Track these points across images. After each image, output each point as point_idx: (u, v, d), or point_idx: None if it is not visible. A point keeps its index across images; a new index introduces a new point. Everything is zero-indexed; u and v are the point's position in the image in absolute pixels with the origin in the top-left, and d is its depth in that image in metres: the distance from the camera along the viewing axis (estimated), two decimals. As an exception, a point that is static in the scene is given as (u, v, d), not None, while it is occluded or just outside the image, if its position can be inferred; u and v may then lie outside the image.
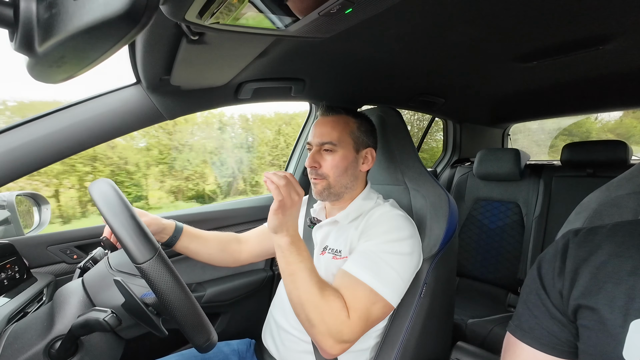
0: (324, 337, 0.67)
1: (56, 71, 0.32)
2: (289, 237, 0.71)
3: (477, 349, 0.93)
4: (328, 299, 0.68)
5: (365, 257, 0.75)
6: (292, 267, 0.70)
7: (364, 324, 0.70)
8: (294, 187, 0.70)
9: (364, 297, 0.70)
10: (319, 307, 0.67)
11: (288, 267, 0.71)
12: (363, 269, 0.73)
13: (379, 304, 0.71)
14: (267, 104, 4.50)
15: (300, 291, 0.69)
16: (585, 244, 0.48)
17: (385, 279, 0.72)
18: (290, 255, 0.70)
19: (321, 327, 0.67)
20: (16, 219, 0.97)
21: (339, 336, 0.67)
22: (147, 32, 0.63)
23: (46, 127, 0.78)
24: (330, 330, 0.67)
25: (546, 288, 0.49)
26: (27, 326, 0.68)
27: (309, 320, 0.68)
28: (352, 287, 0.71)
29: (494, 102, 1.85)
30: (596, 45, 0.95)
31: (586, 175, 1.69)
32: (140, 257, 0.55)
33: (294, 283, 0.70)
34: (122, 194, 0.62)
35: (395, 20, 0.75)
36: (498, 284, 1.80)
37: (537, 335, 0.49)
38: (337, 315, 0.67)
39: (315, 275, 0.71)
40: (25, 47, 0.28)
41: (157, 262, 0.56)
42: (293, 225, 0.72)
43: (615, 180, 0.63)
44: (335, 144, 0.85)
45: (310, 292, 0.68)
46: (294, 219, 0.72)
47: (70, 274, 1.01)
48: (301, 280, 0.69)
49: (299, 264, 0.70)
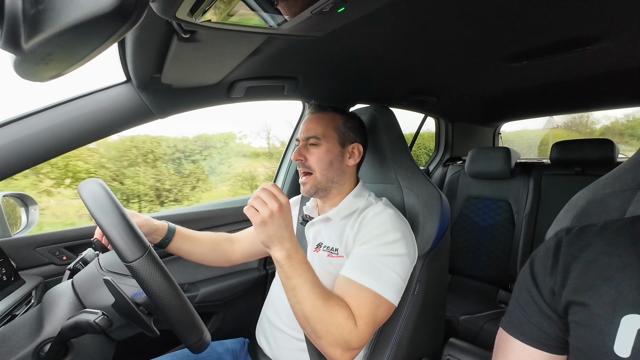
0: (332, 347, 0.66)
1: (43, 69, 0.31)
2: (284, 250, 0.67)
3: (469, 345, 0.94)
4: (333, 310, 0.66)
5: (364, 262, 0.75)
6: (293, 282, 0.67)
7: (371, 329, 0.70)
8: (270, 196, 0.67)
9: (369, 302, 0.70)
10: (324, 320, 0.66)
11: (288, 281, 0.68)
12: (364, 274, 0.73)
13: (383, 306, 0.72)
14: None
15: (303, 305, 0.66)
16: (577, 242, 0.49)
17: (387, 282, 0.73)
18: (289, 270, 0.67)
19: (328, 338, 0.66)
20: (3, 219, 0.95)
21: (347, 345, 0.67)
22: (138, 30, 0.62)
23: (33, 126, 0.77)
24: (338, 341, 0.66)
25: (538, 285, 0.50)
26: (16, 329, 0.66)
27: (315, 333, 0.67)
28: (357, 294, 0.71)
29: (485, 101, 1.87)
30: (584, 45, 0.97)
31: (575, 174, 1.72)
32: (130, 255, 0.54)
33: (295, 297, 0.67)
34: (112, 193, 0.61)
35: (387, 20, 0.76)
36: (489, 281, 1.83)
37: (527, 331, 0.50)
38: (344, 326, 0.66)
39: (318, 287, 0.68)
40: (10, 44, 0.27)
41: (147, 260, 0.55)
42: (287, 237, 0.68)
43: (602, 178, 0.64)
44: (319, 138, 0.88)
45: (314, 305, 0.66)
46: (283, 229, 0.67)
47: (60, 276, 0.99)
48: (303, 294, 0.66)
49: (299, 277, 0.67)
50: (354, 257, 0.77)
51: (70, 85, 0.83)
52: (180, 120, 5.26)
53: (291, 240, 0.69)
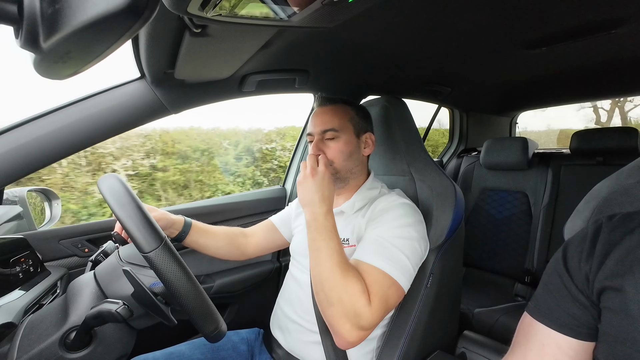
0: (341, 319, 0.65)
1: (62, 67, 0.32)
2: (312, 213, 0.74)
3: (483, 337, 0.93)
4: (349, 280, 0.67)
5: (376, 244, 0.75)
6: (317, 244, 0.71)
7: (383, 309, 0.68)
8: (311, 162, 0.79)
9: (380, 281, 0.70)
10: (338, 287, 0.66)
11: (313, 242, 0.72)
12: (375, 254, 0.73)
13: (393, 287, 0.71)
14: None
15: (321, 268, 0.69)
16: (619, 228, 0.48)
17: (397, 263, 0.72)
18: (314, 231, 0.73)
19: (339, 308, 0.65)
20: (28, 214, 0.99)
21: (357, 320, 0.65)
22: (150, 26, 0.63)
23: (53, 123, 0.79)
24: (348, 313, 0.65)
25: (570, 270, 0.49)
26: (43, 318, 0.70)
27: (327, 300, 0.67)
28: (368, 272, 0.71)
29: (501, 90, 1.82)
30: (608, 29, 0.92)
31: (596, 164, 1.66)
32: (147, 246, 0.56)
33: (316, 260, 0.71)
34: (130, 187, 0.63)
35: (399, 8, 0.74)
36: (505, 274, 1.80)
37: (555, 317, 0.49)
38: (357, 297, 0.65)
39: (340, 255, 0.70)
40: (30, 43, 0.28)
41: (163, 250, 0.57)
42: (317, 201, 0.75)
43: (626, 168, 0.62)
44: (337, 130, 0.87)
45: (331, 270, 0.68)
46: (313, 193, 0.75)
47: (82, 267, 1.03)
48: (323, 258, 0.69)
49: (322, 242, 0.71)
50: (366, 241, 0.78)
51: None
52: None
53: (321, 206, 0.74)
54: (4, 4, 0.27)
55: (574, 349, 0.48)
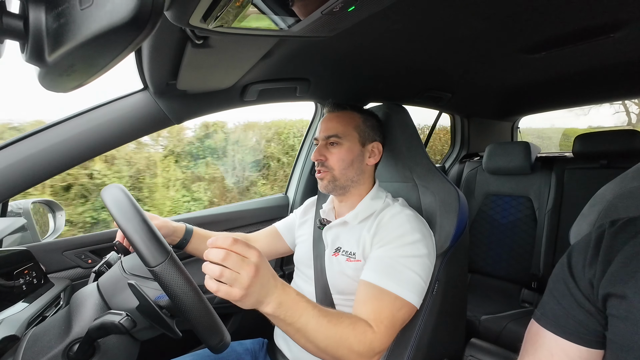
0: (358, 358, 0.65)
1: (66, 80, 0.32)
2: (274, 301, 0.57)
3: (491, 345, 0.92)
4: (346, 330, 0.63)
5: (384, 264, 0.74)
6: (296, 325, 0.60)
7: (391, 332, 0.68)
8: (238, 261, 0.53)
9: (389, 305, 0.69)
10: (343, 343, 0.63)
11: (290, 327, 0.60)
12: (384, 276, 0.72)
13: (404, 309, 0.71)
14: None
15: (317, 341, 0.61)
16: (622, 234, 0.47)
17: (408, 283, 0.71)
18: (287, 317, 0.58)
19: (352, 356, 0.64)
20: (32, 225, 0.99)
21: (371, 353, 0.65)
22: (153, 38, 0.64)
23: (58, 135, 0.80)
24: (362, 353, 0.64)
25: (575, 277, 0.48)
26: (46, 330, 0.69)
27: (338, 358, 0.64)
28: (377, 297, 0.70)
29: (502, 95, 1.82)
30: (607, 33, 0.92)
31: (600, 167, 1.65)
32: (153, 261, 0.56)
33: (304, 338, 0.61)
34: (133, 198, 0.63)
35: (399, 16, 0.75)
36: (511, 280, 1.78)
37: (562, 324, 0.48)
38: (363, 338, 0.64)
39: (324, 315, 0.62)
40: (35, 57, 0.29)
41: (169, 265, 0.56)
42: (272, 285, 0.57)
43: (631, 170, 0.61)
44: (340, 137, 0.87)
45: (326, 336, 0.61)
46: (266, 283, 0.56)
47: (86, 278, 1.03)
48: (311, 331, 0.61)
49: (300, 318, 0.59)
50: (373, 259, 0.76)
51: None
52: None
53: (276, 285, 0.58)
54: (10, 20, 0.28)
55: (583, 357, 0.47)
